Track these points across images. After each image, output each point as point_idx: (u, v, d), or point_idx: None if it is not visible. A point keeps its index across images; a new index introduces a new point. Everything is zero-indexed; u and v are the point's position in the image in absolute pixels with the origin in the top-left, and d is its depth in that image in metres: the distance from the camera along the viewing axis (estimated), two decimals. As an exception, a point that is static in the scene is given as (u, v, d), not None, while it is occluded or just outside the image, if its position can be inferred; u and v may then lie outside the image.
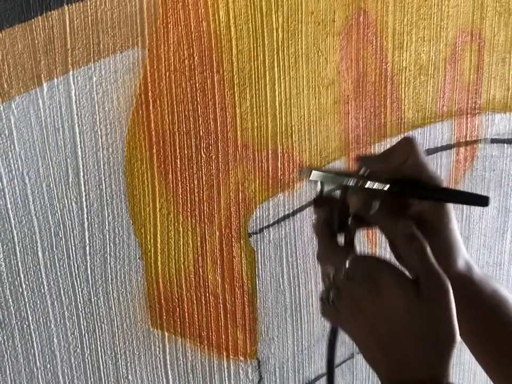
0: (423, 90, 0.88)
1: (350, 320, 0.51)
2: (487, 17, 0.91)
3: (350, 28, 0.78)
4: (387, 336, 0.48)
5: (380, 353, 0.48)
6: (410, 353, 0.47)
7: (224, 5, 0.68)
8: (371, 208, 0.53)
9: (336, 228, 0.56)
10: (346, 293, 0.51)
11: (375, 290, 0.49)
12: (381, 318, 0.48)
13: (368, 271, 0.50)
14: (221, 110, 0.71)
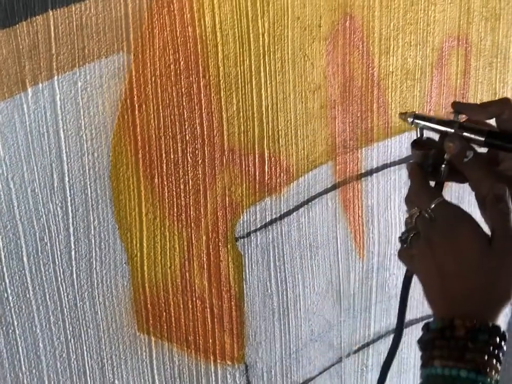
0: (410, 94, 0.88)
1: (422, 259, 0.54)
2: (473, 22, 0.91)
3: (336, 33, 0.78)
4: (452, 277, 0.51)
5: (441, 291, 0.52)
6: (468, 296, 0.51)
7: (210, 11, 0.68)
8: (465, 157, 0.56)
9: (429, 171, 0.59)
10: (425, 233, 0.54)
11: (452, 235, 0.52)
12: (451, 260, 0.52)
13: (450, 216, 0.54)
14: (207, 114, 0.71)
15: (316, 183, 0.84)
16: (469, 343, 0.48)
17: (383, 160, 0.89)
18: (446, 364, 0.48)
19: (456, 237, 0.52)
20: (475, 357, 0.48)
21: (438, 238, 0.53)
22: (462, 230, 0.52)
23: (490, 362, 0.48)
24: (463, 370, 0.48)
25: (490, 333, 0.49)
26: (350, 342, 0.94)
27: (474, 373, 0.47)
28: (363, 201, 0.90)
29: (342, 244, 0.89)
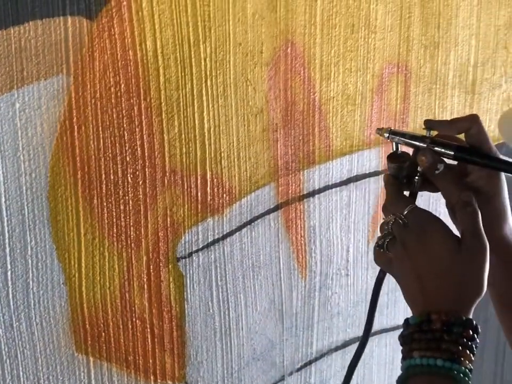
0: (351, 119, 0.91)
1: (399, 261, 0.59)
2: (413, 49, 0.95)
3: (278, 59, 0.81)
4: (427, 276, 0.56)
5: (418, 290, 0.56)
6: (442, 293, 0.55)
7: (151, 35, 0.69)
8: (436, 169, 0.61)
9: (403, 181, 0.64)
10: (400, 238, 0.59)
11: (424, 237, 0.57)
12: (425, 261, 0.56)
13: (422, 221, 0.58)
14: (148, 136, 0.72)
15: (259, 204, 0.85)
16: (445, 335, 0.52)
17: (325, 182, 0.92)
18: (424, 354, 0.52)
19: (428, 239, 0.57)
20: (450, 347, 0.52)
21: (412, 241, 0.58)
22: (433, 232, 0.57)
23: (464, 353, 0.52)
24: (439, 359, 0.51)
25: (464, 325, 0.53)
26: (293, 360, 0.96)
27: (450, 361, 0.51)
28: (305, 222, 0.92)
29: (285, 264, 0.91)
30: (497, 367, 1.37)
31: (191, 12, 0.71)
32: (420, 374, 0.52)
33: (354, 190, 0.96)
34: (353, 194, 0.96)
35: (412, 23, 0.93)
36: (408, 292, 0.59)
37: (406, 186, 0.64)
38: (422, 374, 0.52)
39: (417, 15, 0.93)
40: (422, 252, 0.57)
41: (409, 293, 0.59)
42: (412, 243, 0.58)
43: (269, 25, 0.78)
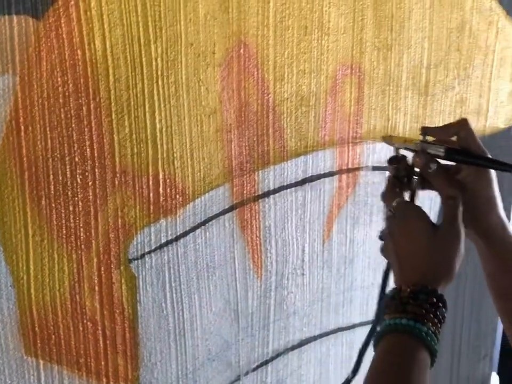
0: (305, 120, 0.92)
1: (387, 247, 0.68)
2: (366, 52, 0.96)
3: (231, 60, 0.81)
4: (404, 257, 0.64)
5: (398, 269, 0.65)
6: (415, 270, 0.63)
7: (100, 35, 0.69)
8: (429, 168, 0.68)
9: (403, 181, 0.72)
10: (388, 227, 0.69)
11: (405, 224, 0.65)
12: (404, 244, 0.65)
13: (405, 211, 0.67)
14: (97, 136, 0.71)
15: (213, 205, 0.85)
16: (411, 300, 0.59)
17: (280, 182, 0.92)
18: (393, 316, 0.60)
19: (409, 225, 0.65)
20: (414, 309, 0.59)
21: (396, 228, 0.67)
22: (414, 220, 0.65)
23: (427, 315, 0.58)
24: (404, 319, 0.58)
25: (429, 294, 0.60)
26: (249, 360, 0.96)
27: (413, 321, 0.58)
28: (261, 222, 0.92)
29: (240, 264, 0.91)
30: (453, 362, 1.39)
31: (141, 12, 0.71)
32: (390, 333, 0.59)
33: (309, 191, 0.97)
34: (309, 194, 0.97)
35: (365, 25, 0.94)
36: (393, 272, 0.67)
37: (407, 186, 0.73)
38: (391, 332, 0.59)
39: (370, 17, 0.94)
40: (403, 236, 0.65)
41: (394, 273, 0.67)
42: (396, 229, 0.67)
43: (221, 26, 0.79)
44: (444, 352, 1.36)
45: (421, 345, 0.57)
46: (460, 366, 1.41)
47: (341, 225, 1.03)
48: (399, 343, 0.58)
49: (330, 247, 1.03)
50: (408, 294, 0.60)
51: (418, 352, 0.57)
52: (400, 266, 0.64)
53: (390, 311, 0.61)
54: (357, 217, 1.04)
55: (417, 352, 0.57)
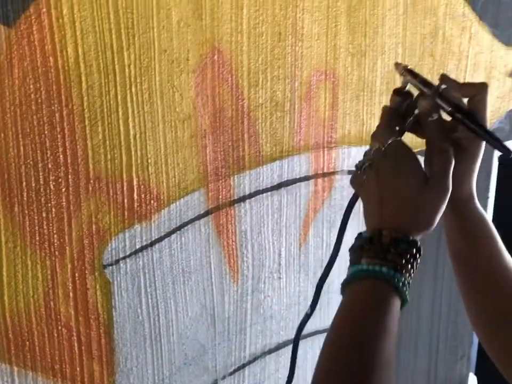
0: (280, 125, 0.93)
1: (368, 183, 0.65)
2: (340, 57, 0.97)
3: (205, 66, 0.81)
4: (388, 199, 0.62)
5: (378, 210, 0.63)
6: (398, 216, 0.61)
7: (72, 42, 0.69)
8: (431, 116, 0.66)
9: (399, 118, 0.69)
10: (376, 164, 0.65)
11: (397, 167, 0.63)
12: (391, 187, 0.63)
13: (400, 153, 0.64)
14: (71, 143, 0.72)
15: (188, 210, 0.86)
16: (391, 248, 0.59)
17: (255, 187, 0.93)
18: (371, 261, 0.59)
19: (400, 169, 0.63)
20: (395, 258, 0.58)
21: (385, 168, 0.64)
22: (406, 165, 0.63)
23: (406, 266, 0.59)
24: (384, 267, 0.58)
25: (409, 244, 0.60)
26: (225, 364, 0.97)
27: (393, 270, 0.58)
28: (236, 227, 0.93)
29: (216, 268, 0.91)
30: (430, 363, 1.41)
31: (113, 19, 0.72)
32: (365, 278, 0.58)
33: (285, 195, 0.97)
34: (284, 199, 0.97)
35: (339, 31, 0.95)
36: (368, 210, 0.65)
37: (399, 123, 0.70)
38: (367, 278, 0.58)
39: (344, 24, 0.96)
40: (391, 178, 0.63)
41: (369, 211, 0.65)
42: (385, 169, 0.64)
43: (195, 33, 0.79)
44: (421, 353, 1.37)
45: (396, 294, 0.58)
46: (437, 367, 1.43)
47: (317, 229, 1.04)
48: (375, 288, 0.58)
49: (307, 251, 1.04)
50: (389, 240, 0.59)
51: (393, 300, 0.57)
52: (381, 208, 0.63)
53: (367, 255, 0.59)
54: (333, 221, 1.05)
55: (393, 300, 0.57)
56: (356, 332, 0.56)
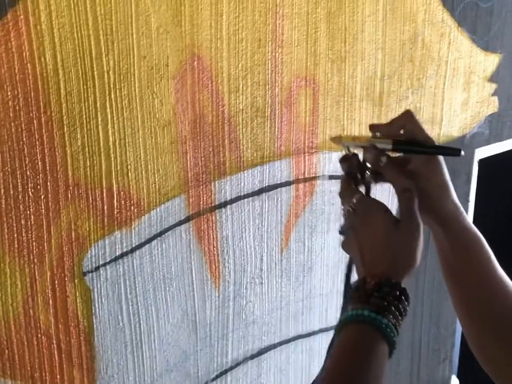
0: (261, 131, 0.93)
1: (349, 241, 0.69)
2: (320, 63, 0.98)
3: (185, 72, 0.82)
4: (367, 250, 0.66)
5: (360, 261, 0.66)
6: (378, 263, 0.64)
7: (50, 48, 0.69)
8: (380, 161, 0.71)
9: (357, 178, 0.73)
10: (350, 222, 0.69)
11: (367, 219, 0.67)
12: (366, 238, 0.66)
13: (366, 206, 0.69)
14: (49, 150, 0.71)
15: (169, 216, 0.86)
16: (374, 293, 0.61)
17: (236, 193, 0.93)
18: (356, 306, 0.61)
19: (370, 219, 0.67)
20: (377, 302, 0.60)
21: (358, 222, 0.68)
22: (374, 215, 0.67)
23: (389, 308, 0.60)
24: (366, 310, 0.60)
25: (392, 287, 0.62)
26: (208, 370, 0.96)
27: (375, 313, 0.59)
28: (218, 232, 0.93)
29: (197, 274, 0.91)
30: (413, 366, 1.42)
31: (92, 26, 0.71)
32: (351, 323, 0.61)
33: (266, 200, 0.98)
34: (266, 204, 0.98)
35: (319, 37, 0.96)
36: (357, 266, 0.68)
37: (362, 182, 0.74)
38: (352, 322, 0.60)
39: (324, 30, 0.96)
40: (365, 230, 0.67)
41: (357, 267, 0.68)
42: (358, 224, 0.68)
43: (174, 39, 0.79)
44: (404, 356, 1.38)
45: (381, 336, 0.59)
46: (420, 370, 1.44)
47: (299, 233, 1.05)
48: (359, 333, 0.60)
49: (289, 256, 1.04)
50: (372, 286, 0.62)
51: (377, 343, 0.58)
52: (363, 260, 0.66)
53: (353, 302, 0.62)
54: (314, 226, 1.06)
55: (376, 343, 0.58)
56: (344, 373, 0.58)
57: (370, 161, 0.72)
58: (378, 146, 0.72)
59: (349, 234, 0.70)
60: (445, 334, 1.46)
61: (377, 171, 0.72)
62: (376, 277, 0.62)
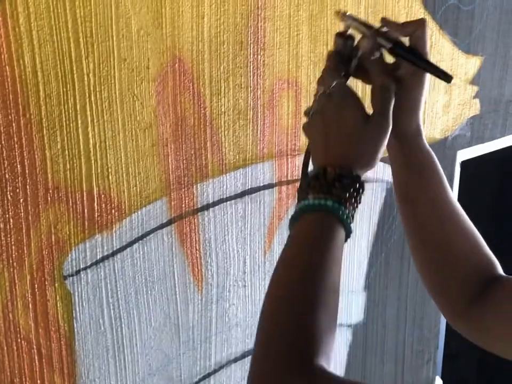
0: (243, 133, 0.93)
1: (315, 125, 0.67)
2: (302, 66, 0.98)
3: (166, 75, 0.81)
4: (333, 138, 0.65)
5: (323, 149, 0.65)
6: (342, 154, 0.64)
7: (29, 51, 0.68)
8: (373, 55, 0.69)
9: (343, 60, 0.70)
10: (321, 106, 0.67)
11: (340, 107, 0.65)
12: (334, 124, 0.65)
13: (343, 94, 0.67)
14: (28, 153, 0.71)
15: (151, 219, 0.85)
16: (336, 183, 0.61)
17: (219, 195, 0.93)
18: (318, 196, 0.61)
19: (344, 108, 0.65)
20: (339, 193, 0.61)
21: (329, 108, 0.66)
22: (349, 105, 0.65)
23: (350, 199, 0.61)
24: (329, 200, 0.60)
25: (353, 179, 0.62)
26: (191, 374, 0.96)
27: (337, 203, 0.60)
28: (200, 235, 0.92)
29: (180, 278, 0.91)
30: (397, 368, 1.42)
31: (72, 28, 0.71)
32: (312, 212, 0.60)
33: (249, 203, 0.98)
34: (249, 206, 0.98)
35: (301, 40, 0.96)
36: (315, 150, 0.67)
37: (344, 67, 0.71)
38: (314, 212, 0.60)
39: (306, 32, 0.96)
40: (335, 117, 0.65)
41: (315, 151, 0.67)
42: (329, 109, 0.66)
43: (155, 42, 0.79)
44: (388, 358, 1.39)
45: (341, 225, 0.60)
46: (404, 371, 1.45)
47: (282, 236, 1.04)
48: (321, 221, 0.60)
49: (272, 258, 1.04)
50: (333, 176, 0.62)
51: (339, 231, 0.60)
52: (326, 146, 0.65)
53: (314, 191, 0.62)
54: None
55: (338, 231, 0.59)
56: (304, 258, 0.58)
57: (364, 49, 0.70)
58: (378, 40, 0.69)
59: (316, 118, 0.67)
60: (428, 335, 1.47)
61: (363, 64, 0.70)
62: (337, 167, 0.62)
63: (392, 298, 1.32)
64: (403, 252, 1.29)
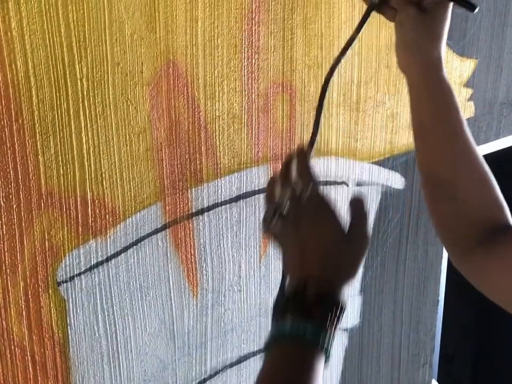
0: (238, 137, 0.92)
1: (289, 231, 0.64)
2: (297, 70, 0.98)
3: (160, 79, 0.81)
4: (311, 252, 0.62)
5: (300, 263, 0.62)
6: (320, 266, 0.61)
7: (22, 55, 0.68)
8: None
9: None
10: (297, 210, 0.64)
11: (319, 218, 0.63)
12: (313, 240, 0.62)
13: (319, 202, 0.64)
14: (21, 158, 0.70)
15: (145, 224, 0.85)
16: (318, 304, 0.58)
17: (214, 200, 0.92)
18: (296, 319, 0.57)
19: (321, 221, 0.63)
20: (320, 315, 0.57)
21: (307, 218, 0.63)
22: (326, 217, 0.63)
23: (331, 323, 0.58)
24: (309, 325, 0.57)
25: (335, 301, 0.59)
26: (186, 379, 0.95)
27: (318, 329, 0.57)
28: (195, 240, 0.92)
29: (175, 283, 0.90)
30: (393, 371, 1.42)
31: (64, 33, 0.70)
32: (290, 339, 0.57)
33: (244, 207, 0.97)
34: (244, 211, 0.97)
35: (295, 43, 0.96)
36: (288, 259, 0.65)
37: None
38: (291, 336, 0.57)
39: (300, 36, 0.96)
40: (313, 229, 0.63)
41: (289, 260, 0.64)
42: (307, 219, 0.63)
43: (149, 46, 0.79)
44: (384, 361, 1.38)
45: (321, 351, 0.56)
46: (400, 375, 1.44)
47: (277, 240, 1.04)
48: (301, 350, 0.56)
49: (268, 263, 1.04)
50: (314, 296, 0.58)
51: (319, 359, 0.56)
52: (302, 258, 0.62)
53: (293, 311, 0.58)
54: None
55: (318, 359, 0.56)
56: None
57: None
58: None
59: (288, 226, 0.63)
60: (424, 338, 1.47)
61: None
62: (317, 285, 0.58)
63: (388, 301, 1.31)
64: (399, 255, 1.28)
